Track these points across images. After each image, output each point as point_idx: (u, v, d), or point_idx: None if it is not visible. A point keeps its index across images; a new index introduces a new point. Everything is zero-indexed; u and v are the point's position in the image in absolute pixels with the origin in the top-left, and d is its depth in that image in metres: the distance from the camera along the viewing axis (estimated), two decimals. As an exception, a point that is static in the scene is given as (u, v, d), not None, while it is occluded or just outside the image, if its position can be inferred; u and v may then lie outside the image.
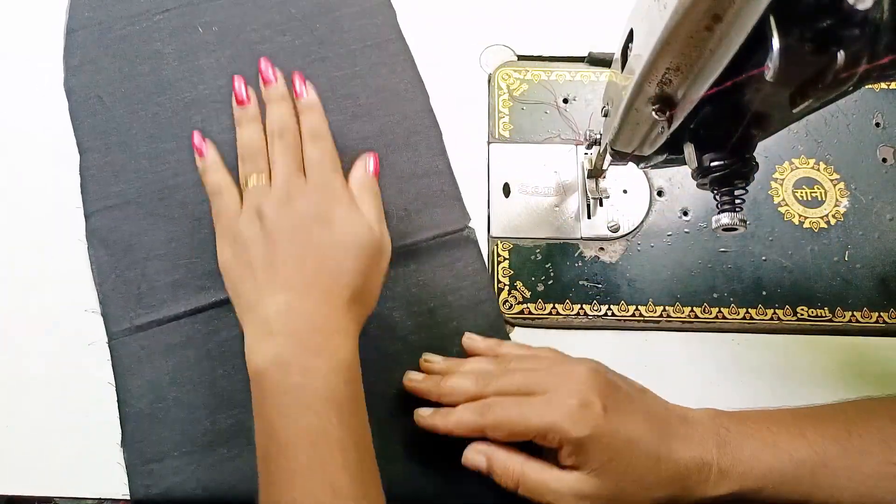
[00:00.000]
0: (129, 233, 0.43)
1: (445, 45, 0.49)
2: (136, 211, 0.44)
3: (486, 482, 0.35)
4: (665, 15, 0.24)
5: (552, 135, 0.47)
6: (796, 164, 0.46)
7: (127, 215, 0.44)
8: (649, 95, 0.28)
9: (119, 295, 0.42)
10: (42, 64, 0.48)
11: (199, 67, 0.47)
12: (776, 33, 0.21)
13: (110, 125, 0.46)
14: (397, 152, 0.46)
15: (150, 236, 0.43)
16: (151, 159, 0.45)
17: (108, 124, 0.46)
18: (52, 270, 0.43)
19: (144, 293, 0.42)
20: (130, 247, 0.43)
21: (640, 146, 0.33)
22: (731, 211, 0.29)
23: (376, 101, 0.47)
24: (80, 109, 0.46)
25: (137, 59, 0.48)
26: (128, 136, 0.45)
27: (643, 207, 0.45)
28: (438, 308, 0.42)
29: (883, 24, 0.20)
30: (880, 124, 0.47)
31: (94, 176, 0.45)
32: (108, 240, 0.43)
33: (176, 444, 0.39)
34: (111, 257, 0.43)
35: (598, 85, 0.48)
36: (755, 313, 0.43)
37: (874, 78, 0.22)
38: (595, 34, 0.49)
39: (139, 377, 0.40)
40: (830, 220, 0.45)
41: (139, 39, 0.48)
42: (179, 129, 0.46)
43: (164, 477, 0.39)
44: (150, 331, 0.41)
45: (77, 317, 0.42)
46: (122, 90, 0.47)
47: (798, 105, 0.24)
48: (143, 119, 0.46)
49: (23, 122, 0.47)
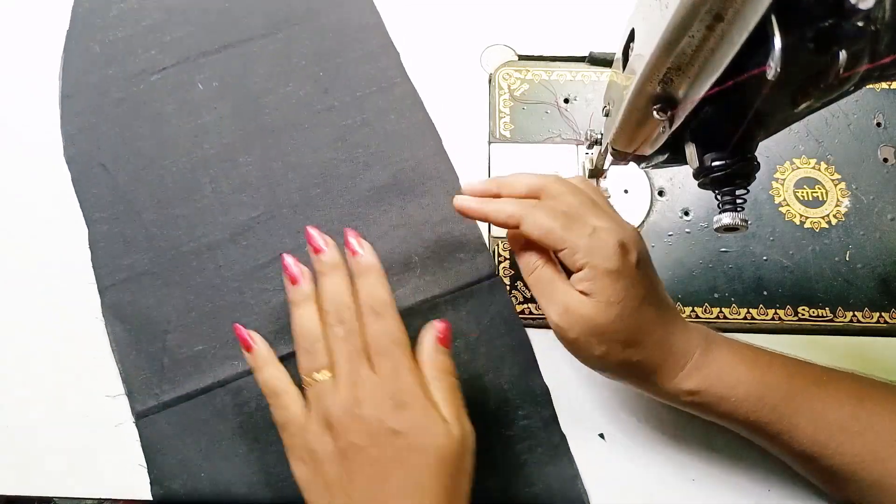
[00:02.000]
0: (145, 305, 0.41)
1: (446, 45, 0.49)
2: (151, 282, 0.42)
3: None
4: (666, 14, 0.24)
5: (553, 135, 0.47)
6: (797, 164, 0.46)
7: (142, 287, 0.42)
8: (650, 95, 0.28)
9: (142, 372, 0.40)
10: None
11: (203, 126, 0.46)
12: (778, 33, 0.20)
13: (115, 194, 0.44)
14: (413, 199, 0.44)
15: (168, 307, 0.41)
16: (161, 226, 0.43)
17: (114, 193, 0.44)
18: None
19: (168, 367, 0.40)
20: (149, 320, 0.41)
21: (641, 146, 0.33)
22: (732, 211, 0.29)
23: (387, 147, 0.46)
24: (83, 179, 0.45)
25: (137, 122, 0.46)
26: (134, 203, 0.44)
27: (644, 207, 0.45)
28: (471, 361, 0.40)
29: (884, 23, 0.20)
30: (881, 124, 0.47)
31: (104, 248, 0.43)
32: (125, 314, 0.41)
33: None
34: (129, 333, 0.41)
35: (598, 85, 0.48)
36: (756, 313, 0.43)
37: (875, 78, 0.22)
38: (596, 34, 0.49)
39: (170, 456, 0.39)
40: (831, 220, 0.45)
41: (138, 101, 0.46)
42: (187, 192, 0.44)
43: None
44: (178, 406, 0.40)
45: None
46: (124, 156, 0.45)
47: (799, 105, 0.24)
48: (149, 184, 0.44)
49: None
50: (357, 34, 0.49)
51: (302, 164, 0.45)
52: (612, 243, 0.32)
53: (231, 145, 0.45)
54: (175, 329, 0.41)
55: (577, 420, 0.40)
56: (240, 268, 0.43)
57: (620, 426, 0.40)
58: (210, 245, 0.43)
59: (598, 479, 0.39)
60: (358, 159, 0.45)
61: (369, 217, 0.44)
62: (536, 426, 0.40)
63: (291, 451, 0.33)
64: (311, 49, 0.48)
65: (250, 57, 0.48)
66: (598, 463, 0.40)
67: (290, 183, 0.45)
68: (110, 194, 0.44)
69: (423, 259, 0.43)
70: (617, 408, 0.41)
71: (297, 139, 0.46)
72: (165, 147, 0.45)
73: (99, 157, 0.45)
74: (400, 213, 0.44)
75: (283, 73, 0.47)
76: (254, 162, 0.45)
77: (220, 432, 0.39)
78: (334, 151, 0.45)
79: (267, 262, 0.43)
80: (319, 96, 0.47)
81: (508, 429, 0.39)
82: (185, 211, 0.44)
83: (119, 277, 0.42)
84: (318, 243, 0.34)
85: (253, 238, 0.43)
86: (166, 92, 0.47)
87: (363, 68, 0.48)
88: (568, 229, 0.33)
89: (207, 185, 0.44)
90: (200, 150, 0.45)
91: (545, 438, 0.39)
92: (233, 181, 0.45)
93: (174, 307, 0.42)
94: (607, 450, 0.40)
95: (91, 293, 0.42)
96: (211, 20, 0.49)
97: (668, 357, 0.34)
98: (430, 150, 0.46)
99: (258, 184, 0.44)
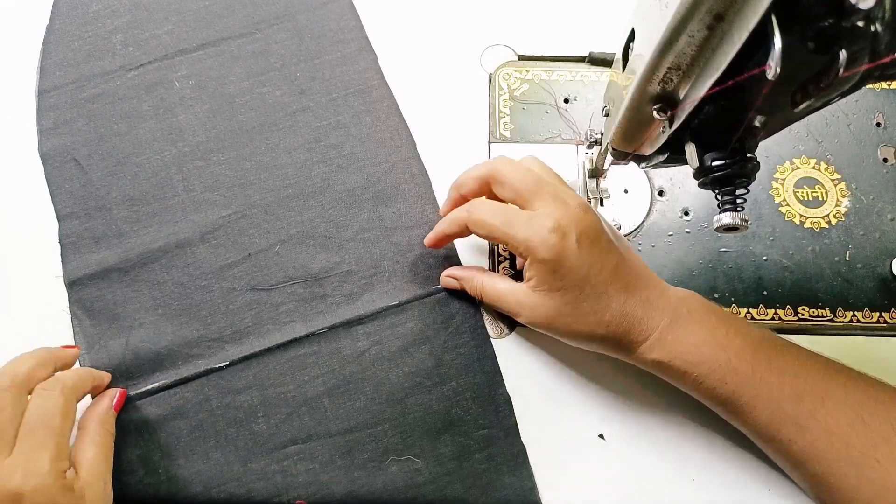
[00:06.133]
0: (112, 301, 0.41)
1: (446, 45, 0.49)
2: (119, 278, 0.42)
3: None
4: (667, 14, 0.24)
5: (553, 135, 0.47)
6: (797, 164, 0.46)
7: (110, 283, 0.42)
8: (651, 95, 0.28)
9: (105, 366, 0.40)
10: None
11: (178, 124, 0.46)
12: (778, 32, 0.20)
13: (87, 190, 0.44)
14: (386, 203, 0.44)
15: (135, 303, 0.41)
16: (132, 223, 0.43)
17: (86, 189, 0.44)
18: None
19: (131, 363, 0.40)
20: (115, 315, 0.41)
21: (641, 146, 0.33)
22: (732, 211, 0.29)
23: (361, 150, 0.45)
24: (57, 174, 0.44)
25: (113, 119, 0.46)
26: (107, 200, 0.44)
27: (644, 207, 0.45)
28: (435, 368, 0.41)
29: (884, 23, 0.20)
30: (881, 124, 0.47)
31: (74, 244, 0.43)
32: (93, 309, 0.41)
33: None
34: (95, 328, 0.41)
35: (598, 85, 0.48)
36: (756, 313, 0.43)
37: (875, 77, 0.22)
38: (596, 34, 0.49)
39: (129, 451, 0.39)
40: (831, 220, 0.45)
41: (114, 97, 0.46)
42: (159, 190, 0.44)
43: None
44: (139, 402, 0.39)
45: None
46: (98, 152, 0.45)
47: (799, 104, 0.24)
48: (122, 181, 0.44)
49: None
50: (335, 36, 0.49)
51: (275, 165, 0.45)
52: (545, 230, 0.34)
53: (205, 144, 0.45)
54: (140, 325, 0.41)
55: (577, 420, 0.40)
56: (208, 266, 0.43)
57: (620, 426, 0.40)
58: (180, 243, 0.43)
59: (598, 478, 0.39)
60: (332, 161, 0.45)
61: (341, 219, 0.44)
62: (497, 436, 0.40)
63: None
64: (289, 50, 0.48)
65: (228, 56, 0.48)
66: (598, 463, 0.40)
67: (263, 183, 0.45)
68: (82, 190, 0.44)
69: (392, 263, 0.43)
70: (617, 408, 0.41)
71: (272, 140, 0.46)
72: (140, 144, 0.45)
73: (73, 152, 0.45)
74: (372, 216, 0.44)
75: (260, 73, 0.47)
76: (227, 161, 0.45)
77: (180, 429, 0.39)
78: (308, 153, 0.45)
79: (236, 262, 0.43)
80: (295, 97, 0.47)
81: (468, 437, 0.39)
82: (156, 208, 0.44)
83: (87, 272, 0.42)
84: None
85: (223, 237, 0.43)
86: (143, 89, 0.47)
87: (340, 70, 0.48)
88: (507, 224, 0.35)
89: (180, 183, 0.44)
90: (174, 149, 0.45)
91: (505, 448, 0.39)
92: (205, 180, 0.45)
93: (141, 304, 0.42)
94: (607, 450, 0.40)
95: (58, 287, 0.42)
96: (189, 19, 0.49)
97: (632, 328, 0.35)
98: (404, 153, 0.46)
99: (231, 183, 0.45)
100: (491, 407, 0.40)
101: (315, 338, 0.41)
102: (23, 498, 0.30)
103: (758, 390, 0.34)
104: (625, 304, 0.35)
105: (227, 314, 0.42)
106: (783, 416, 0.34)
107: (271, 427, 0.39)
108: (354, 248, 0.43)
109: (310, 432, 0.39)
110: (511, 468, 0.39)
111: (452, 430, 0.40)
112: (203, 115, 0.46)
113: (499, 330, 0.42)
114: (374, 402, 0.40)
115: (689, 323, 0.35)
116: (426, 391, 0.40)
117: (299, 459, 0.39)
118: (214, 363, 0.40)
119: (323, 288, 0.42)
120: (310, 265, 0.43)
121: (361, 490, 0.38)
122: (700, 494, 0.39)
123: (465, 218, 0.37)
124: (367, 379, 0.40)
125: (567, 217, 0.34)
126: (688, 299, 0.37)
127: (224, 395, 0.40)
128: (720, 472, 0.39)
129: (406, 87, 0.48)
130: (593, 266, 0.34)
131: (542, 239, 0.34)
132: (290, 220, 0.44)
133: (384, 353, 0.41)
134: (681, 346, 0.35)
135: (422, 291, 0.42)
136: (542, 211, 0.35)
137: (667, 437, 0.40)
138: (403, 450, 0.39)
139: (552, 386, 0.41)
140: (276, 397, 0.40)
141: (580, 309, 0.35)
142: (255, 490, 0.38)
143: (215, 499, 0.38)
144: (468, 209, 0.37)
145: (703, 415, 0.39)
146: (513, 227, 0.35)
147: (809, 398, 0.34)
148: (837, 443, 0.33)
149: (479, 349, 0.41)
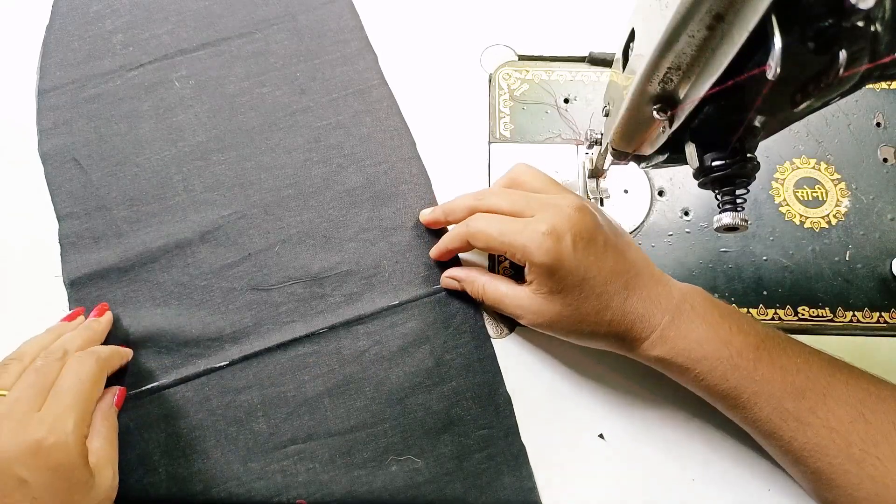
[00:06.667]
0: (112, 301, 0.42)
1: (446, 45, 0.49)
2: (118, 278, 0.42)
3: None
4: (667, 14, 0.24)
5: (553, 135, 0.47)
6: (797, 164, 0.46)
7: (110, 283, 0.42)
8: (651, 95, 0.28)
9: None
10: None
11: (178, 124, 0.46)
12: (778, 32, 0.20)
13: (87, 190, 0.44)
14: (386, 203, 0.44)
15: (135, 303, 0.42)
16: (131, 223, 0.43)
17: (86, 189, 0.44)
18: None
19: (130, 362, 0.40)
20: (115, 315, 0.41)
21: (641, 146, 0.33)
22: (732, 211, 0.29)
23: (361, 150, 0.45)
24: (57, 174, 0.44)
25: (113, 119, 0.46)
26: (107, 200, 0.44)
27: (644, 207, 0.45)
28: (435, 368, 0.41)
29: (884, 23, 0.20)
30: (881, 124, 0.47)
31: (74, 243, 0.43)
32: (93, 309, 0.41)
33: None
34: None
35: (598, 85, 0.48)
36: (756, 313, 0.43)
37: (875, 77, 0.22)
38: (596, 34, 0.49)
39: (129, 451, 0.38)
40: (831, 220, 0.45)
41: (114, 97, 0.46)
42: (159, 190, 0.44)
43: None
44: (139, 401, 0.39)
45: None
46: (98, 152, 0.45)
47: (799, 104, 0.24)
48: (122, 181, 0.44)
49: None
50: (335, 36, 0.49)
51: (275, 165, 0.45)
52: (539, 235, 0.34)
53: (205, 144, 0.45)
54: (140, 325, 0.41)
55: (577, 420, 0.41)
56: (208, 266, 0.43)
57: (620, 426, 0.40)
58: (179, 243, 0.43)
59: (598, 478, 0.39)
60: (332, 161, 0.45)
61: (341, 219, 0.44)
62: (497, 436, 0.40)
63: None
64: (289, 50, 0.48)
65: (228, 56, 0.48)
66: (598, 463, 0.40)
67: (263, 183, 0.45)
68: (82, 190, 0.44)
69: (392, 263, 0.43)
70: (617, 408, 0.41)
71: (272, 139, 0.46)
72: (140, 144, 0.45)
73: (73, 152, 0.45)
74: (371, 216, 0.44)
75: (260, 73, 0.47)
76: (227, 161, 0.45)
77: (180, 428, 0.39)
78: (308, 153, 0.45)
79: (236, 262, 0.43)
80: (296, 97, 0.47)
81: (468, 437, 0.39)
82: (156, 208, 0.44)
83: (87, 272, 0.42)
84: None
85: (223, 237, 0.43)
86: (143, 89, 0.47)
87: (340, 70, 0.48)
88: (504, 233, 0.36)
89: (180, 183, 0.44)
90: (174, 149, 0.45)
91: (505, 448, 0.39)
92: (205, 180, 0.45)
93: (141, 304, 0.42)
94: (607, 450, 0.40)
95: (58, 286, 0.42)
96: (189, 19, 0.49)
97: (634, 326, 0.35)
98: (404, 153, 0.46)
99: (231, 183, 0.45)
100: (491, 407, 0.40)
101: (315, 337, 0.41)
102: (43, 450, 0.31)
103: (759, 386, 0.34)
104: (626, 302, 0.35)
105: (227, 314, 0.42)
106: (784, 412, 0.34)
107: (271, 426, 0.39)
108: (354, 248, 0.43)
109: (310, 432, 0.39)
110: (511, 468, 0.39)
111: (452, 430, 0.40)
112: (203, 115, 0.46)
113: (499, 330, 0.42)
114: (374, 402, 0.40)
115: (691, 319, 0.35)
116: (426, 391, 0.40)
117: (299, 459, 0.39)
118: (214, 363, 0.40)
119: (323, 288, 0.42)
120: (310, 265, 0.43)
121: (361, 490, 0.38)
122: (700, 494, 0.39)
123: (464, 232, 0.38)
124: (368, 379, 0.40)
125: (561, 220, 0.35)
126: (691, 294, 0.37)
127: (224, 394, 0.40)
128: (720, 473, 0.39)
129: (406, 87, 0.48)
130: (591, 266, 0.35)
131: (537, 244, 0.34)
132: (290, 220, 0.44)
133: (384, 353, 0.41)
134: (683, 342, 0.35)
135: (422, 291, 0.42)
136: (537, 217, 0.35)
137: (667, 436, 0.40)
138: (403, 449, 0.39)
139: (552, 386, 0.41)
140: (277, 397, 0.40)
141: (581, 310, 0.35)
142: (255, 489, 0.38)
143: (215, 498, 0.38)
144: (467, 222, 0.38)
145: (704, 415, 0.39)
146: (509, 235, 0.35)
147: (811, 395, 0.34)
148: (838, 439, 0.33)
149: (479, 349, 0.41)
